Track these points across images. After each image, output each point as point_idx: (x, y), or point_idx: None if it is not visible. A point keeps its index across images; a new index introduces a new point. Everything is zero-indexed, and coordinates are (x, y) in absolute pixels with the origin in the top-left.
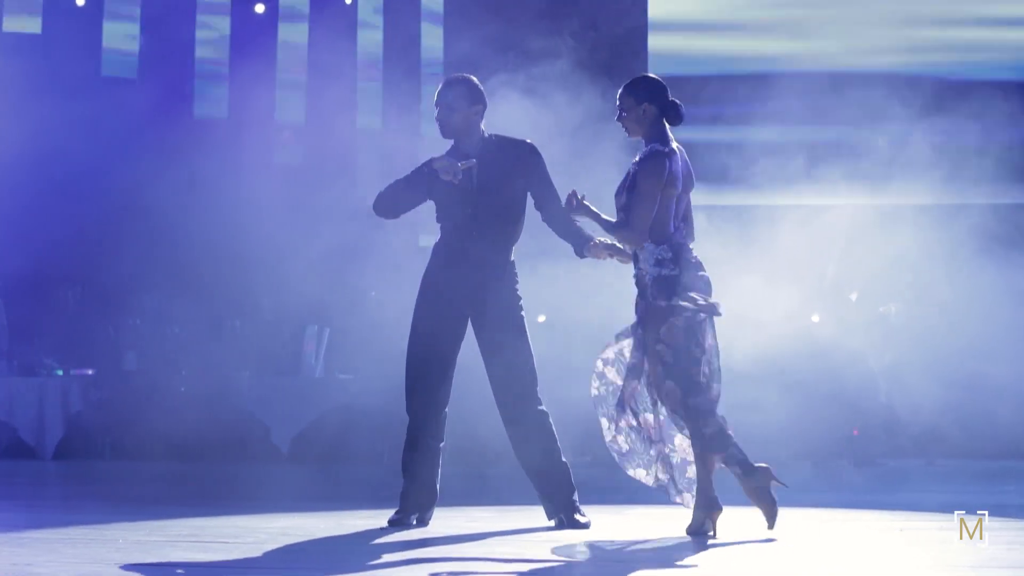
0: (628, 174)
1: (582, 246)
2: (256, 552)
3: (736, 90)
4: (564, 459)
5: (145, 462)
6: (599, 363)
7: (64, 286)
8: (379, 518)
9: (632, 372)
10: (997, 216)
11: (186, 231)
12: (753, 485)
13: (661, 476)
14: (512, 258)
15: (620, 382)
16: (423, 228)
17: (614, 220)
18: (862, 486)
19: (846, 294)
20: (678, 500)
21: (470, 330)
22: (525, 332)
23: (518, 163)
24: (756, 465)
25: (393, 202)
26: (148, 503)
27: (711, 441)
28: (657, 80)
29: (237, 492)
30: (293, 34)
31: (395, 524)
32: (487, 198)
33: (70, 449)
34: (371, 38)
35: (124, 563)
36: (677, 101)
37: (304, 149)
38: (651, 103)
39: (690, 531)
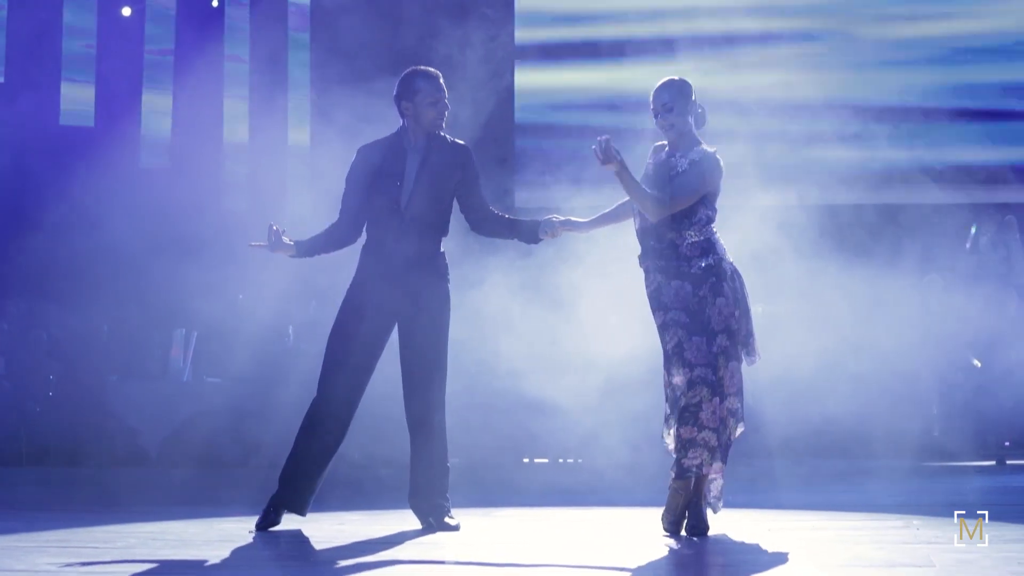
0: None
1: (534, 230)
2: (125, 557)
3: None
4: (449, 464)
5: (13, 467)
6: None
7: None
8: (248, 522)
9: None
10: (837, 216)
11: (52, 236)
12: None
13: None
14: (442, 249)
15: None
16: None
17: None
18: (729, 486)
19: None
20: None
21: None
22: (447, 340)
23: (455, 162)
24: None
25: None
26: (16, 508)
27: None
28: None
29: (106, 497)
30: (160, 40)
31: (264, 527)
32: (421, 192)
33: None
34: (238, 46)
35: None
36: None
37: (171, 155)
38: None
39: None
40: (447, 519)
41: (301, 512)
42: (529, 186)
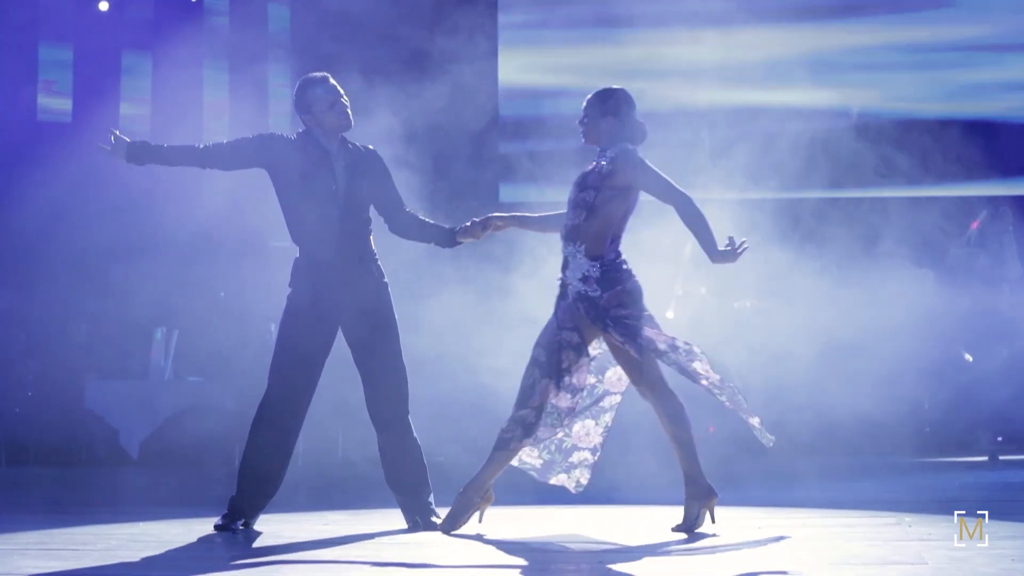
0: (589, 174)
1: (451, 236)
2: (107, 559)
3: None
4: (425, 462)
5: None
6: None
7: None
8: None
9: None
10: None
11: (31, 233)
12: None
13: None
14: (372, 247)
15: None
16: (271, 231)
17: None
18: (715, 484)
19: (697, 287)
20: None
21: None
22: (396, 331)
23: (372, 168)
24: None
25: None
26: None
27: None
28: (629, 95)
29: (86, 498)
30: (138, 34)
31: (222, 529)
32: (352, 197)
33: None
34: (218, 28)
35: None
36: (642, 121)
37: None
38: (616, 116)
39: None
40: (433, 518)
41: (249, 525)
42: (514, 179)
